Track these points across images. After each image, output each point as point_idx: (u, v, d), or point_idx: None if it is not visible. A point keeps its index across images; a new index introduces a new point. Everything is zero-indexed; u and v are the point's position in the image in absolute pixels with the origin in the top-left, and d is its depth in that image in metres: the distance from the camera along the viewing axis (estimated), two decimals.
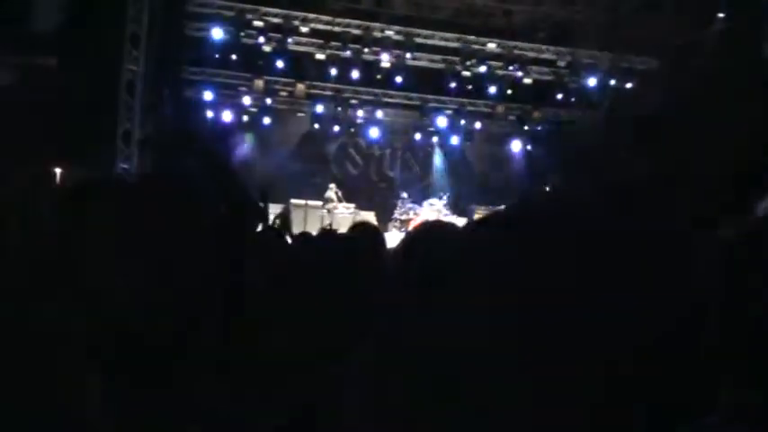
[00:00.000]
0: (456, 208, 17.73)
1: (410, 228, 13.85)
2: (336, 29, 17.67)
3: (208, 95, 17.87)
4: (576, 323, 0.72)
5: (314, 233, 5.74)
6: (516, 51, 18.44)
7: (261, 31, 17.21)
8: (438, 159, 20.52)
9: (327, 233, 4.55)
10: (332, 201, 17.04)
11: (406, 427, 0.80)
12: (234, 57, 17.42)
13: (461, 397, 0.73)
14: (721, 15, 15.01)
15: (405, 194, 18.04)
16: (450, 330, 0.77)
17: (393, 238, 10.40)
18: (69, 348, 1.16)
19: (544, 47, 18.59)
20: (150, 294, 1.17)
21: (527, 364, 0.71)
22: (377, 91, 18.72)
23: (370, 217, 15.31)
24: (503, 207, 0.83)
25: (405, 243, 2.65)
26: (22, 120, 12.06)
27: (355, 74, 18.00)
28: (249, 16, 17.19)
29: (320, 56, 17.96)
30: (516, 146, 20.19)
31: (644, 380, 0.75)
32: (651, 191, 0.70)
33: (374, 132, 19.26)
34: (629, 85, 18.30)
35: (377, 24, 17.80)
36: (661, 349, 0.75)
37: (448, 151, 20.29)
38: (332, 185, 17.49)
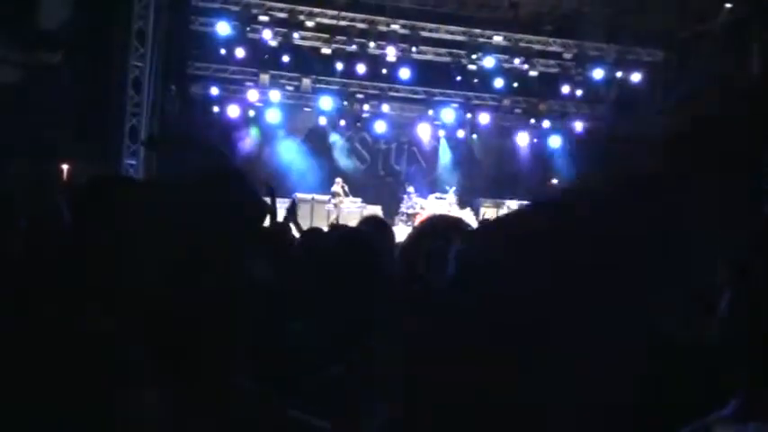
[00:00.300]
0: (462, 201, 17.72)
1: (416, 222, 13.85)
2: (342, 23, 17.65)
3: (214, 91, 17.89)
4: (584, 322, 0.71)
5: (320, 227, 5.72)
6: (522, 44, 18.38)
7: (266, 25, 17.21)
8: (444, 153, 20.49)
9: (337, 228, 4.54)
10: (338, 195, 17.05)
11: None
12: (239, 52, 17.42)
13: (462, 397, 0.73)
14: (728, 6, 14.93)
15: (411, 188, 18.02)
16: (456, 330, 0.76)
17: (400, 232, 10.39)
18: (86, 346, 1.16)
19: (550, 39, 18.54)
20: (166, 293, 1.17)
21: (535, 364, 0.70)
22: (383, 85, 18.70)
23: (376, 211, 15.29)
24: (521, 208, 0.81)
25: (411, 238, 2.64)
26: (27, 117, 12.09)
27: (361, 68, 17.99)
28: (254, 11, 17.19)
29: (326, 50, 17.94)
30: (523, 139, 20.12)
31: (657, 377, 0.74)
32: (665, 187, 0.69)
33: (380, 126, 19.26)
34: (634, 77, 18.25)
35: (382, 18, 17.76)
36: (673, 345, 0.74)
37: (454, 145, 20.27)
38: (338, 180, 17.50)
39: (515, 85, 18.92)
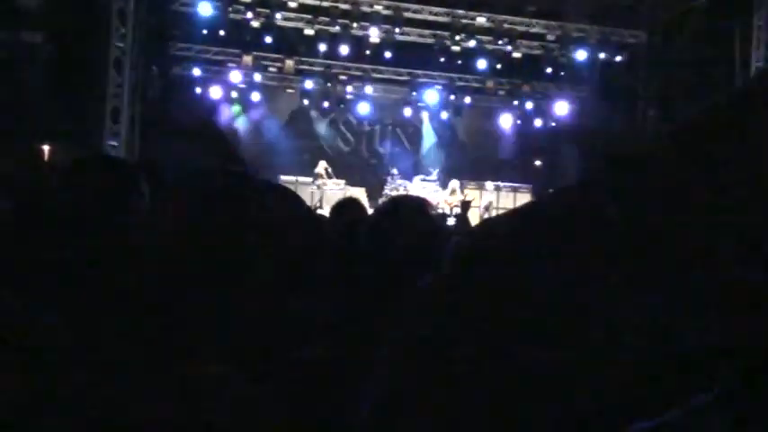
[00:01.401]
0: (445, 183, 17.73)
1: None
2: (325, 3, 17.52)
3: (196, 72, 17.76)
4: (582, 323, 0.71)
5: None
6: (506, 25, 18.33)
7: (248, 6, 17.07)
8: (428, 135, 20.49)
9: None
10: (322, 177, 17.01)
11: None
12: (222, 33, 17.28)
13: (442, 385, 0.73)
14: None
15: (394, 170, 18.02)
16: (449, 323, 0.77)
17: None
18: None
19: (533, 21, 18.50)
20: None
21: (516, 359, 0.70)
22: (366, 66, 18.63)
23: (360, 193, 15.27)
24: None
25: (374, 219, 2.63)
26: (7, 97, 11.97)
27: (344, 49, 17.89)
28: None
29: (309, 31, 17.82)
30: (506, 120, 20.15)
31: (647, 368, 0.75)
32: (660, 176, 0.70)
33: (364, 108, 19.23)
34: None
35: None
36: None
37: (438, 126, 20.26)
38: (322, 162, 17.46)
39: (499, 66, 18.90)
